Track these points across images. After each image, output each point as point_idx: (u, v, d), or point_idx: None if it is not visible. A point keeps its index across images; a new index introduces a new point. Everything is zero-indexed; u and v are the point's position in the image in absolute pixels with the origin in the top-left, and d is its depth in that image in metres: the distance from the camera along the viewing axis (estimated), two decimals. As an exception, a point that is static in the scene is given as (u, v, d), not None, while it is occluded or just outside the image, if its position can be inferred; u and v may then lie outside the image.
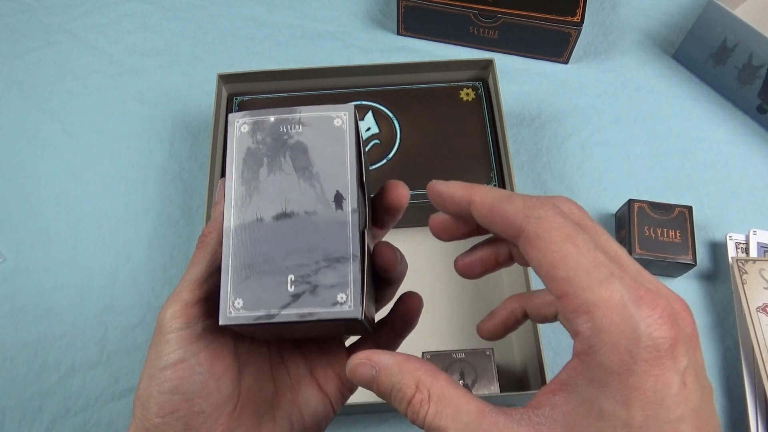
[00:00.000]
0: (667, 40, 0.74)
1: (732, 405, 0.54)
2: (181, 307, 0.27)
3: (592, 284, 0.21)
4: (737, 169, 0.65)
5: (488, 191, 0.26)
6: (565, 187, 0.64)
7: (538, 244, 0.23)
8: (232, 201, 0.27)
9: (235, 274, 0.27)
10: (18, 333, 0.58)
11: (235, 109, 0.62)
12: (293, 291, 0.27)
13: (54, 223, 0.63)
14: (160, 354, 0.26)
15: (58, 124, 0.69)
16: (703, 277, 0.60)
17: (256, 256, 0.27)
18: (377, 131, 0.60)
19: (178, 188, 0.65)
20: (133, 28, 0.76)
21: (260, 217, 0.27)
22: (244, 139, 0.28)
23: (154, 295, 0.59)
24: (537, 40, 0.70)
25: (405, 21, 0.73)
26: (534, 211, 0.23)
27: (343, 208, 0.28)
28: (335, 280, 0.27)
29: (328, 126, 0.29)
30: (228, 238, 0.27)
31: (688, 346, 0.21)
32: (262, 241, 0.27)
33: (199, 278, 0.27)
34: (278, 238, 0.27)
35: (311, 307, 0.27)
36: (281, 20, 0.76)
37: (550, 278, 0.23)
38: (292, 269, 0.27)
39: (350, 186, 0.28)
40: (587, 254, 0.22)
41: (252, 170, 0.28)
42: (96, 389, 0.55)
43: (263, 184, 0.28)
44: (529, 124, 0.68)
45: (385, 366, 0.25)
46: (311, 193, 0.28)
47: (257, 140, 0.28)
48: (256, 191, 0.28)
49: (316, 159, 0.28)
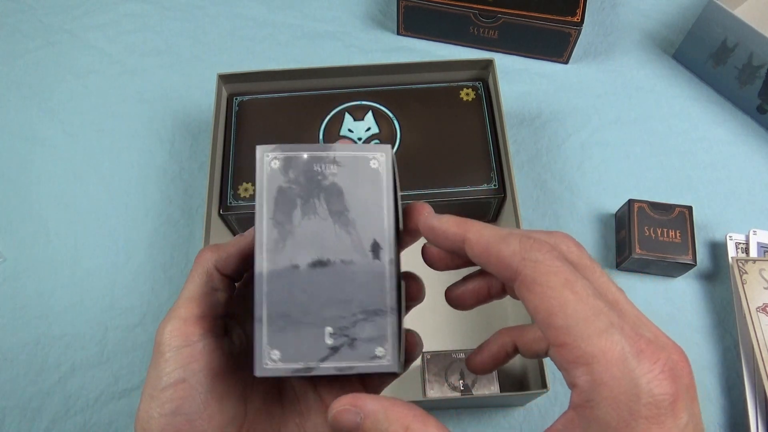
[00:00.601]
0: (667, 40, 0.74)
1: (732, 405, 0.54)
2: (179, 324, 0.26)
3: (592, 335, 0.21)
4: (737, 169, 0.65)
5: (482, 229, 0.25)
6: (565, 187, 0.64)
7: (535, 289, 0.22)
8: (264, 244, 0.26)
9: (270, 323, 0.26)
10: (18, 333, 0.58)
11: (235, 110, 0.62)
12: (331, 344, 0.26)
13: (54, 223, 0.63)
14: (159, 373, 0.25)
15: (58, 124, 0.69)
16: (703, 277, 0.60)
17: (292, 306, 0.26)
18: (377, 131, 0.60)
19: (178, 188, 0.65)
20: (133, 28, 0.76)
21: (295, 264, 0.26)
22: (275, 177, 0.26)
23: (154, 295, 0.59)
24: (537, 40, 0.70)
25: (405, 21, 0.73)
26: (531, 254, 0.23)
27: (380, 258, 0.27)
28: (373, 333, 0.27)
29: (364, 168, 0.27)
30: (261, 285, 0.26)
31: (687, 401, 0.21)
32: (299, 289, 0.26)
33: (196, 295, 0.27)
34: (314, 288, 0.26)
35: (350, 360, 0.27)
36: (281, 20, 0.76)
37: (547, 326, 0.22)
38: (330, 321, 0.26)
39: (387, 234, 0.27)
40: (586, 301, 0.21)
41: (285, 212, 0.26)
42: (96, 389, 0.55)
43: (297, 228, 0.26)
44: (529, 124, 0.68)
45: (370, 412, 0.23)
46: (347, 240, 0.27)
47: (290, 179, 0.27)
48: (290, 235, 0.26)
49: (351, 203, 0.27)
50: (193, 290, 0.27)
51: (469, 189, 0.57)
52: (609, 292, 0.23)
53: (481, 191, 0.57)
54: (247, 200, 0.57)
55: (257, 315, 0.26)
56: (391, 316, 0.27)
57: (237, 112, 0.62)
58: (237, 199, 0.57)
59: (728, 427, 0.53)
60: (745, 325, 0.54)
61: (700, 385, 0.55)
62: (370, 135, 0.60)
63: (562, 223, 0.62)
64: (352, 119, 0.61)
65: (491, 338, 0.30)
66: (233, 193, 0.58)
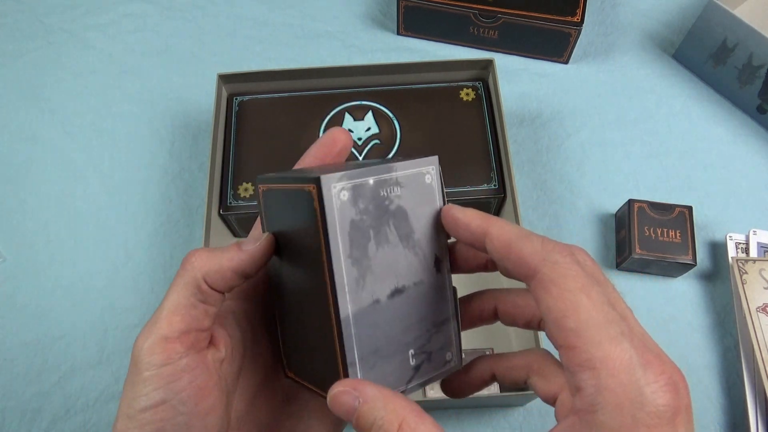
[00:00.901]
0: (667, 40, 0.74)
1: (732, 405, 0.54)
2: (160, 341, 0.24)
3: (602, 340, 0.21)
4: (737, 169, 0.65)
5: (505, 225, 0.25)
6: (565, 187, 0.64)
7: (551, 289, 0.23)
8: (346, 286, 0.24)
9: (362, 363, 0.25)
10: (18, 333, 0.58)
11: (235, 110, 0.62)
12: (414, 364, 0.27)
13: (54, 223, 0.63)
14: (137, 394, 0.24)
15: (58, 124, 0.69)
16: (703, 277, 0.60)
17: (379, 341, 0.25)
18: (377, 131, 0.60)
19: (178, 188, 0.65)
20: (133, 28, 0.76)
21: (376, 299, 0.25)
22: (345, 210, 0.24)
23: (154, 295, 0.59)
24: (537, 40, 0.70)
25: (405, 21, 0.73)
26: (551, 255, 0.23)
27: (441, 270, 0.28)
28: (443, 341, 0.28)
29: (421, 184, 0.27)
30: (349, 328, 0.24)
31: (686, 418, 0.21)
32: (383, 322, 0.25)
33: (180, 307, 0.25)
34: (395, 316, 0.26)
35: (430, 373, 0.27)
36: (281, 20, 0.76)
37: (558, 327, 0.22)
38: (411, 344, 0.26)
39: (444, 246, 0.28)
40: (600, 308, 0.22)
41: (360, 247, 0.25)
42: (96, 389, 0.55)
43: (373, 261, 0.25)
44: (529, 124, 0.68)
45: (370, 398, 0.23)
46: (416, 262, 0.26)
47: (360, 210, 0.25)
48: (368, 271, 0.25)
49: (415, 223, 0.26)
50: (178, 301, 0.25)
51: (469, 189, 0.57)
52: (618, 305, 0.23)
53: (481, 191, 0.57)
54: (247, 200, 0.57)
55: (350, 360, 0.24)
56: (453, 321, 0.28)
57: (237, 112, 0.62)
58: (237, 199, 0.57)
59: (728, 427, 0.53)
60: (745, 325, 0.54)
61: (700, 385, 0.55)
62: (370, 135, 0.60)
63: (562, 223, 0.62)
64: (352, 119, 0.61)
65: (470, 364, 0.30)
66: (233, 193, 0.58)
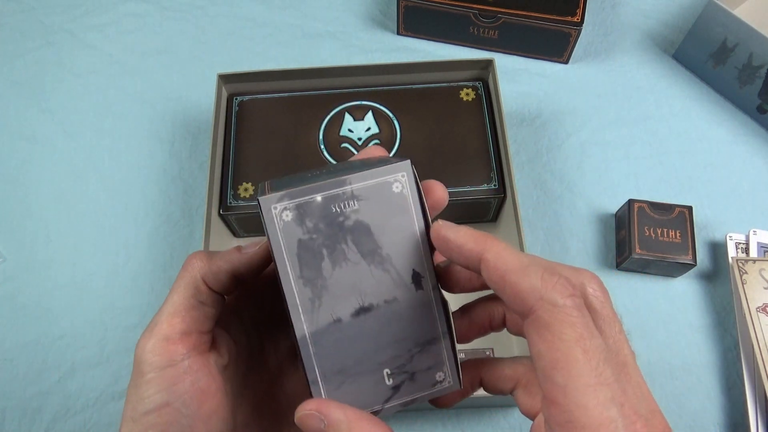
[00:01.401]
0: (667, 40, 0.74)
1: (732, 405, 0.54)
2: (162, 342, 0.24)
3: (589, 405, 0.20)
4: (737, 169, 0.65)
5: (503, 252, 0.22)
6: (565, 187, 0.64)
7: (545, 335, 0.21)
8: (299, 306, 0.24)
9: (326, 383, 0.24)
10: (18, 333, 0.58)
11: (235, 110, 0.62)
12: (392, 384, 0.25)
13: (54, 223, 0.63)
14: (141, 396, 0.24)
15: (58, 124, 0.69)
16: (703, 277, 0.60)
17: (344, 360, 0.24)
18: (377, 131, 0.60)
19: (178, 188, 0.65)
20: (133, 28, 0.76)
21: (337, 318, 0.24)
22: (290, 230, 0.23)
23: (154, 295, 0.59)
24: (537, 40, 0.70)
25: (405, 21, 0.73)
26: (550, 295, 0.21)
27: (423, 286, 0.26)
28: (431, 362, 0.26)
29: (388, 194, 0.25)
30: (307, 348, 0.24)
31: None
32: (347, 342, 0.24)
33: (181, 309, 0.25)
34: (363, 335, 0.25)
35: (413, 393, 0.26)
36: (281, 20, 0.76)
37: (546, 378, 0.21)
38: (387, 364, 0.25)
39: (425, 260, 0.25)
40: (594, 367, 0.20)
41: (312, 267, 0.24)
42: (96, 389, 0.55)
43: (330, 280, 0.24)
44: (529, 124, 0.68)
45: (334, 422, 0.22)
46: (386, 279, 0.25)
47: (308, 229, 0.24)
48: (324, 290, 0.24)
49: (381, 238, 0.25)
50: (178, 303, 0.25)
51: (469, 189, 0.57)
52: (621, 352, 0.22)
53: (481, 191, 0.57)
54: (247, 200, 0.57)
55: (311, 378, 0.24)
56: (444, 341, 0.26)
57: (237, 112, 0.62)
58: (237, 199, 0.57)
59: (728, 427, 0.53)
60: (745, 325, 0.54)
61: (700, 385, 0.55)
62: (370, 135, 0.60)
63: (562, 223, 0.62)
64: (352, 119, 0.61)
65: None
66: (233, 193, 0.58)
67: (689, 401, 0.54)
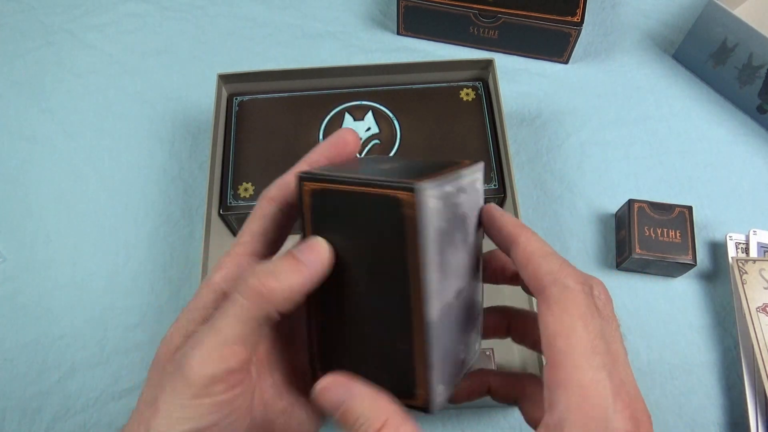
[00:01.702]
0: (667, 40, 0.74)
1: (732, 405, 0.54)
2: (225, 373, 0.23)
3: (584, 366, 0.23)
4: (737, 169, 0.65)
5: (532, 239, 0.26)
6: (565, 187, 0.64)
7: (553, 308, 0.24)
8: (434, 292, 0.24)
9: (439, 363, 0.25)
10: (18, 333, 0.58)
11: (235, 110, 0.62)
12: (462, 359, 0.28)
13: (54, 223, 0.63)
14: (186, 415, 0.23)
15: (58, 124, 0.69)
16: (703, 277, 0.60)
17: (448, 342, 0.26)
18: (377, 131, 0.60)
19: (178, 188, 0.65)
20: (133, 28, 0.76)
21: (449, 302, 0.26)
22: (435, 218, 0.24)
23: (154, 295, 0.59)
24: (537, 40, 0.70)
25: (405, 21, 0.73)
26: (565, 279, 0.24)
27: (479, 270, 0.29)
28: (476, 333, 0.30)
29: (474, 189, 0.28)
30: (430, 332, 0.24)
31: None
32: (451, 323, 0.26)
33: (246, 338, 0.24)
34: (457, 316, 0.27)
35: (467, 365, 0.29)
36: (281, 20, 0.76)
37: (548, 344, 0.24)
38: (463, 341, 0.28)
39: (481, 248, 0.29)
40: (591, 339, 0.23)
41: (443, 253, 0.25)
42: (96, 389, 0.55)
43: (449, 266, 0.25)
44: (529, 124, 0.68)
45: (358, 393, 0.23)
46: (470, 264, 0.28)
47: (445, 217, 0.25)
48: (446, 276, 0.25)
49: (470, 227, 0.27)
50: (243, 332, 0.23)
51: (469, 189, 0.57)
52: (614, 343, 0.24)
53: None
54: (247, 200, 0.57)
55: (428, 362, 0.25)
56: (481, 314, 0.30)
57: (237, 112, 0.62)
58: (237, 199, 0.57)
59: (728, 427, 0.53)
60: (745, 325, 0.54)
61: (700, 385, 0.55)
62: (370, 135, 0.60)
63: (562, 222, 0.62)
64: (352, 119, 0.61)
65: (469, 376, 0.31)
66: (233, 193, 0.58)
67: (689, 401, 0.54)
